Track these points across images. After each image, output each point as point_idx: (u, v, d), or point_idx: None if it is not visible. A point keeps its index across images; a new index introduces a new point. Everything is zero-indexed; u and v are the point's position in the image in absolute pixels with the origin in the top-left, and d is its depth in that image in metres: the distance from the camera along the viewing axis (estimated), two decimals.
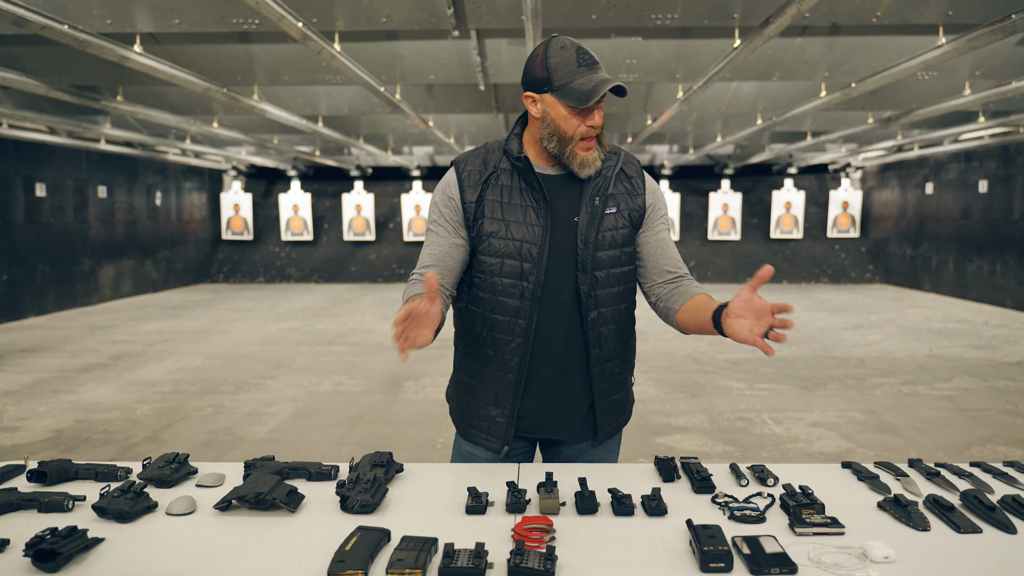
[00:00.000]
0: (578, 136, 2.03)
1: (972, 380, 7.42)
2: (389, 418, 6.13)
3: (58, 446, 5.41)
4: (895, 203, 16.95)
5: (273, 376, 7.66)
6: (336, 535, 1.61)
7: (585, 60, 1.99)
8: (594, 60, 2.00)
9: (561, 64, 1.99)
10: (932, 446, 5.39)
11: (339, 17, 5.67)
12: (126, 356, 8.72)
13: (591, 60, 2.00)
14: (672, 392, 6.91)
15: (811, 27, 6.59)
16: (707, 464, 2.05)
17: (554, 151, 2.08)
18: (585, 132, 2.03)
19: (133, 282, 15.04)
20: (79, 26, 5.17)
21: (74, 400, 6.68)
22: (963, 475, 1.98)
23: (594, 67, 1.99)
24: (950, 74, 7.50)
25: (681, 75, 7.38)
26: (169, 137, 12.57)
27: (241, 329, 10.89)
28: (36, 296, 12.09)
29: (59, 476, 1.95)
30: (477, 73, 7.28)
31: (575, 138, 2.03)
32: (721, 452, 5.25)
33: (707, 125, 11.80)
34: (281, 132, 12.16)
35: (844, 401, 6.62)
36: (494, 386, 2.16)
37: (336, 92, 9.26)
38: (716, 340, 9.73)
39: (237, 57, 7.26)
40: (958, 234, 14.39)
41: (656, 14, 5.59)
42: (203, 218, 18.14)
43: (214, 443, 5.49)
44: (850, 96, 7.52)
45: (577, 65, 1.98)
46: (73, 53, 6.87)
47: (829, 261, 18.10)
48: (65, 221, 12.81)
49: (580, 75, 1.98)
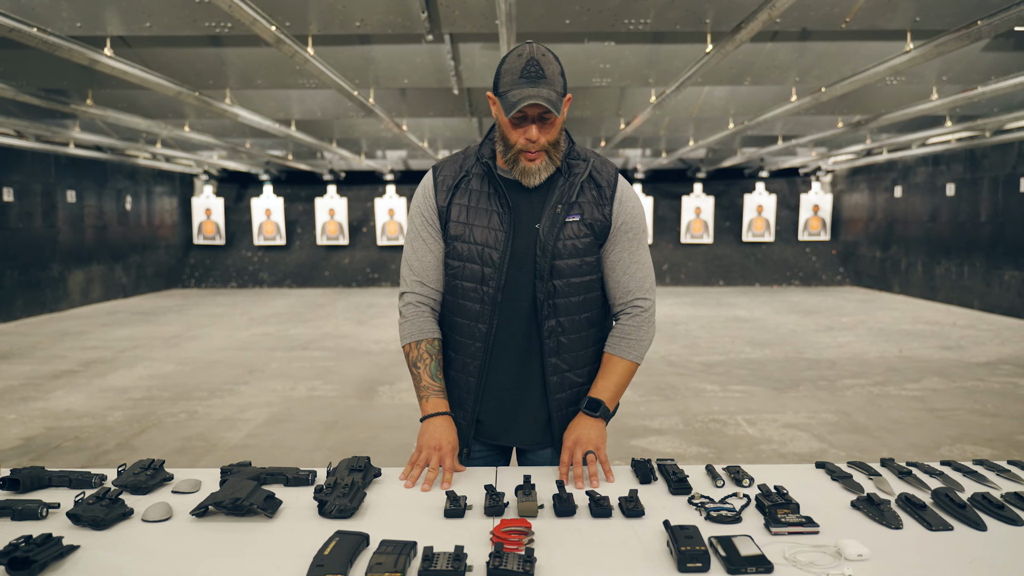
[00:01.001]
0: (518, 148, 2.03)
1: (941, 381, 7.52)
2: (365, 423, 6.11)
3: (28, 453, 5.34)
4: (865, 206, 17.16)
5: (247, 382, 7.61)
6: (314, 540, 1.60)
7: (529, 73, 1.94)
8: (538, 75, 1.94)
9: (508, 72, 1.97)
10: (903, 446, 5.46)
11: (312, 21, 5.65)
12: (97, 362, 8.62)
13: (535, 74, 1.94)
14: (647, 395, 6.95)
15: (782, 32, 6.66)
16: (683, 465, 2.07)
17: (503, 155, 2.08)
18: (524, 145, 2.01)
19: (103, 287, 14.87)
20: (48, 29, 5.12)
21: (44, 407, 6.60)
22: (934, 474, 2.02)
23: (535, 82, 1.94)
24: (918, 79, 7.62)
25: (654, 79, 7.43)
26: (139, 141, 12.46)
27: (214, 335, 10.80)
28: (4, 302, 11.90)
29: (32, 483, 1.93)
30: (451, 77, 7.28)
31: (515, 147, 2.03)
32: (696, 454, 5.29)
33: (680, 129, 11.88)
34: (253, 136, 12.09)
35: (816, 402, 6.69)
36: (456, 389, 2.18)
37: (309, 96, 9.22)
38: (690, 343, 9.80)
39: (209, 60, 7.21)
40: (926, 237, 14.59)
41: (629, 19, 5.62)
42: (174, 223, 17.97)
43: (188, 449, 5.44)
44: (820, 101, 7.62)
45: (519, 76, 1.95)
46: (42, 56, 6.78)
47: (800, 264, 18.28)
48: (33, 226, 12.64)
49: (516, 87, 1.95)
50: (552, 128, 2.01)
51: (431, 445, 2.03)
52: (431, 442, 2.04)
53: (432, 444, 2.03)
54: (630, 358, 2.15)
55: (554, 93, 1.95)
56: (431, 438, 2.05)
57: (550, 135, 2.02)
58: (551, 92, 1.95)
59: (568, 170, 2.13)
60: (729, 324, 11.62)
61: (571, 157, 2.15)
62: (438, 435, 2.04)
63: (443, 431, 2.06)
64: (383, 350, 9.35)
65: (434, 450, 2.02)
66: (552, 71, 1.97)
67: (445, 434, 2.05)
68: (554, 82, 1.96)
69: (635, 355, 2.16)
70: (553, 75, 1.97)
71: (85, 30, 5.66)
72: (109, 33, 5.79)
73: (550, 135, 2.02)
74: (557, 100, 1.96)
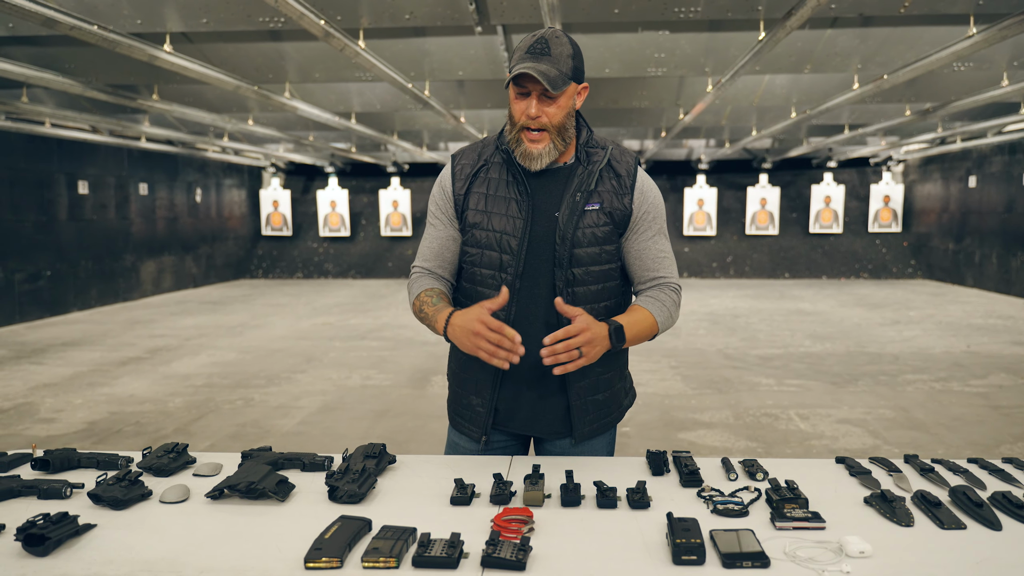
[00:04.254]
0: (520, 124, 2.03)
1: (1008, 377, 7.27)
2: (415, 412, 6.18)
3: (91, 437, 5.54)
4: (937, 197, 16.63)
5: (304, 370, 7.76)
6: (322, 524, 1.64)
7: (535, 49, 1.96)
8: (543, 51, 1.95)
9: (518, 49, 2.01)
10: (961, 443, 5.30)
11: (363, 14, 5.72)
12: (163, 350, 8.90)
13: (539, 51, 1.95)
14: (699, 388, 6.87)
15: (841, 19, 6.50)
16: (705, 459, 2.05)
17: (509, 140, 2.09)
18: (524, 121, 2.02)
19: (174, 278, 15.32)
20: (109, 26, 5.28)
21: (109, 393, 6.84)
22: (958, 471, 1.96)
23: (537, 57, 1.95)
24: (987, 64, 7.35)
25: (710, 68, 7.33)
26: (208, 135, 12.77)
27: (276, 324, 11.04)
28: (79, 291, 12.37)
29: (62, 464, 2.01)
30: (505, 69, 7.29)
31: (518, 125, 2.04)
32: (744, 448, 5.21)
33: (742, 119, 11.67)
34: (316, 129, 12.29)
35: (874, 397, 6.53)
36: (476, 375, 2.18)
37: (368, 89, 9.33)
38: (749, 336, 9.66)
39: (268, 55, 7.35)
40: (1002, 228, 14.08)
41: (679, 7, 5.55)
42: (243, 214, 18.40)
43: (241, 435, 5.58)
44: (883, 88, 7.40)
45: (525, 52, 1.97)
46: (107, 53, 7.01)
47: (869, 256, 17.82)
48: (107, 218, 13.09)
49: (519, 61, 1.97)
50: (555, 108, 2.01)
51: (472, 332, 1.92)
52: (468, 332, 1.93)
53: (473, 331, 1.91)
54: (653, 312, 2.10)
55: (555, 70, 1.95)
56: (465, 333, 1.94)
57: (552, 115, 2.01)
58: (551, 68, 1.95)
59: (587, 158, 2.13)
60: (791, 317, 11.40)
61: (589, 146, 2.14)
62: (467, 325, 1.93)
63: (467, 320, 1.94)
64: (439, 340, 9.41)
65: (476, 336, 1.91)
66: (560, 52, 1.97)
67: (470, 321, 1.93)
68: (559, 61, 1.97)
69: (659, 315, 2.11)
70: (560, 55, 1.97)
71: (145, 27, 5.83)
72: (168, 29, 5.94)
73: (552, 115, 2.01)
74: (557, 78, 1.96)
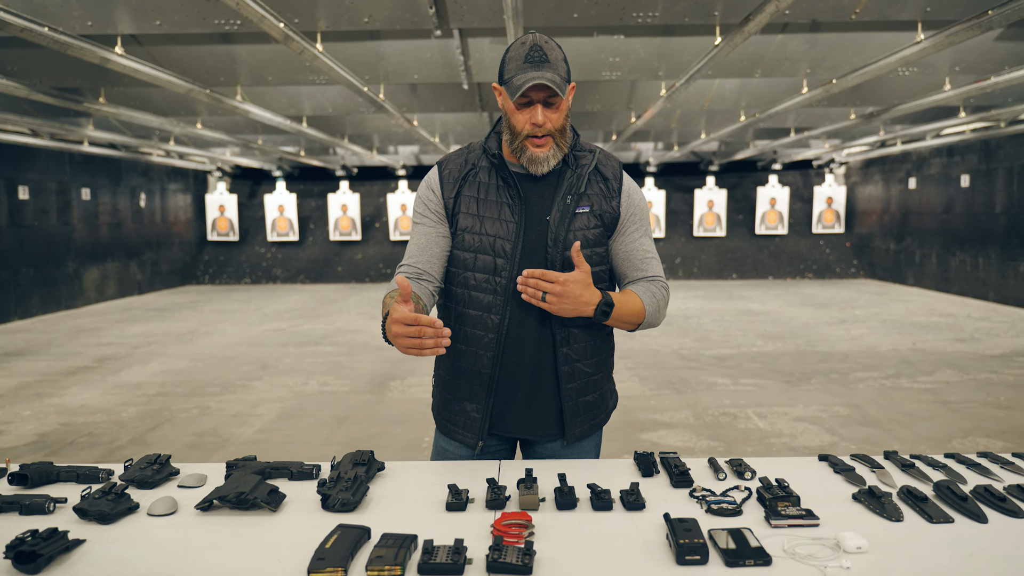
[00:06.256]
0: (524, 133, 2.05)
1: (954, 373, 7.48)
2: (375, 418, 6.14)
3: (43, 449, 5.40)
4: (879, 198, 17.06)
5: (259, 377, 7.65)
6: (317, 533, 1.62)
7: (533, 58, 1.99)
8: (542, 59, 1.99)
9: (513, 59, 2.02)
10: (914, 439, 5.44)
11: (321, 17, 5.67)
12: (111, 359, 8.70)
13: (539, 59, 1.98)
14: (657, 388, 6.95)
15: (792, 24, 6.63)
16: (687, 459, 2.07)
17: (510, 144, 2.10)
18: (530, 130, 2.04)
19: (118, 284, 14.98)
20: (59, 28, 5.16)
21: (59, 403, 6.66)
22: (937, 466, 2.01)
23: (538, 65, 1.98)
24: (930, 70, 7.57)
25: (664, 72, 7.42)
26: (153, 138, 12.53)
27: (227, 330, 10.86)
28: (20, 299, 12.02)
29: (40, 479, 1.95)
30: (460, 72, 7.29)
31: (522, 134, 2.05)
32: (705, 447, 5.28)
33: (691, 122, 11.84)
34: (265, 133, 12.14)
35: (828, 395, 6.67)
36: (469, 381, 2.17)
37: (320, 92, 9.25)
38: (701, 336, 9.79)
39: (220, 58, 7.25)
40: (941, 228, 14.50)
41: (637, 12, 5.61)
42: (188, 219, 18.07)
43: (200, 444, 5.49)
44: (831, 92, 7.58)
45: (523, 61, 1.99)
46: (54, 55, 6.84)
47: (814, 256, 18.20)
48: (49, 224, 12.75)
49: (520, 72, 1.99)
50: (558, 112, 2.04)
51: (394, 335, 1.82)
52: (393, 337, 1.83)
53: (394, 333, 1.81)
54: (644, 300, 2.11)
55: (558, 76, 1.99)
56: (393, 338, 1.83)
57: (556, 120, 2.04)
58: (555, 75, 1.99)
59: (575, 162, 2.16)
60: (741, 317, 11.59)
61: (577, 149, 2.18)
62: (390, 329, 1.83)
63: (389, 324, 1.83)
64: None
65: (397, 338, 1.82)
66: (555, 56, 2.02)
67: (390, 325, 1.82)
68: (558, 67, 2.01)
69: (649, 305, 2.12)
70: (556, 60, 2.01)
71: (96, 29, 5.70)
72: (120, 32, 5.83)
73: (556, 120, 2.04)
74: (561, 83, 2.00)
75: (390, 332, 1.84)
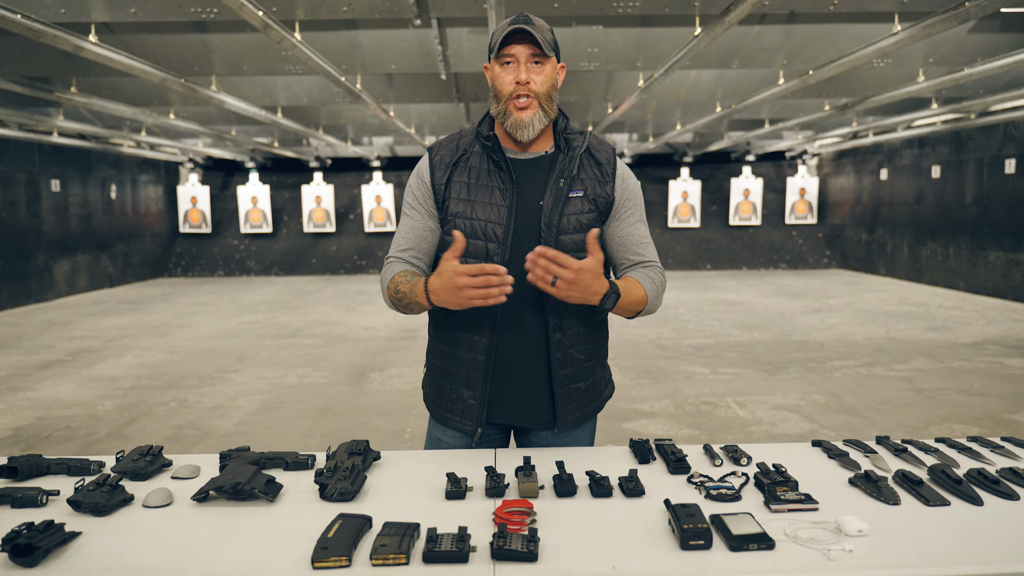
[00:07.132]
0: (510, 93, 2.05)
1: (928, 361, 7.58)
2: (356, 409, 6.11)
3: (19, 444, 5.32)
4: (851, 189, 17.22)
5: (237, 369, 7.59)
6: (317, 523, 1.61)
7: (518, 20, 2.02)
8: (527, 21, 2.01)
9: (500, 30, 2.05)
10: (891, 426, 5.51)
11: (299, 6, 5.62)
12: (85, 352, 8.58)
13: (524, 20, 2.02)
14: (637, 378, 6.97)
15: (769, 15, 6.66)
16: (680, 445, 2.08)
17: (497, 115, 2.10)
18: (513, 89, 2.04)
19: (89, 277, 14.77)
20: (32, 15, 5.06)
21: (33, 397, 6.56)
22: (929, 451, 2.04)
23: (518, 22, 2.01)
24: (904, 61, 7.64)
25: (642, 63, 7.43)
26: (124, 129, 12.36)
27: (202, 323, 10.76)
28: None
29: (30, 471, 1.92)
30: (439, 62, 7.26)
31: (509, 96, 2.05)
32: (688, 436, 5.31)
33: (667, 113, 11.89)
34: (239, 123, 12.02)
35: (805, 384, 6.73)
36: (465, 368, 2.15)
37: (295, 82, 9.17)
38: (679, 326, 9.84)
39: (194, 47, 7.16)
40: (912, 219, 14.67)
41: (617, 2, 5.61)
42: (160, 211, 17.86)
43: (180, 437, 5.43)
44: (807, 84, 7.63)
45: (509, 25, 2.02)
46: (25, 43, 6.72)
47: (787, 247, 18.35)
48: (17, 216, 12.54)
49: (503, 30, 2.02)
50: (542, 75, 2.05)
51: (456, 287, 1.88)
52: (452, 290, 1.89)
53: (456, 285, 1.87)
54: (645, 288, 2.09)
55: (541, 36, 2.01)
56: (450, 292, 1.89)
57: (541, 82, 2.04)
58: (539, 34, 2.01)
59: (567, 145, 2.15)
60: (717, 307, 11.66)
61: (568, 132, 2.17)
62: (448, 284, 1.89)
63: (444, 280, 1.90)
64: (372, 336, 9.34)
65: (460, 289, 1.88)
66: (541, 24, 2.04)
67: (448, 279, 1.89)
68: (542, 31, 2.03)
69: (650, 291, 2.10)
70: (542, 27, 2.04)
71: (69, 16, 5.61)
72: (94, 19, 5.74)
73: (541, 82, 2.04)
74: (545, 43, 2.01)
75: (452, 286, 1.87)
